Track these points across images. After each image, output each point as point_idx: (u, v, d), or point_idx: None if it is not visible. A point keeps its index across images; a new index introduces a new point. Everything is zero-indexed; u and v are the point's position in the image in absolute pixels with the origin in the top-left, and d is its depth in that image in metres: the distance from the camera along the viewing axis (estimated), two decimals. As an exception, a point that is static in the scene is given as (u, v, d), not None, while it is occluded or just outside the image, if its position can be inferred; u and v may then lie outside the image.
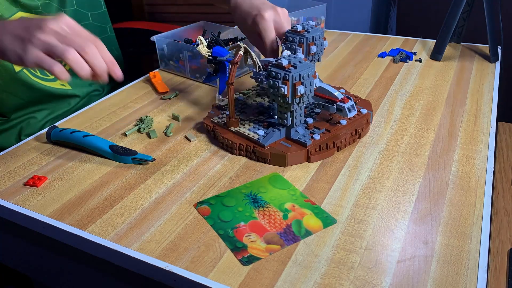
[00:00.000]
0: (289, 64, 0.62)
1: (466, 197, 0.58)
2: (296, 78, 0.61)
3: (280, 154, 0.65)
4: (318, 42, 0.74)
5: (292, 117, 0.66)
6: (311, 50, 0.73)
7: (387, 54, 1.06)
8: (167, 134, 0.74)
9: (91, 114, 0.83)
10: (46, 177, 0.64)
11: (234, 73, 0.68)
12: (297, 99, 0.63)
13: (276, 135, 0.67)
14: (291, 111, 0.66)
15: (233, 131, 0.70)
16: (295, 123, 0.67)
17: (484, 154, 0.67)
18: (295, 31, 0.73)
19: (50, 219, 0.56)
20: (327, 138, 0.68)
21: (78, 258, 0.58)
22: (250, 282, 0.47)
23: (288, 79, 0.61)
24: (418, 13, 2.00)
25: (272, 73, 0.62)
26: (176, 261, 0.49)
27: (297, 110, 0.66)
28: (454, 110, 0.80)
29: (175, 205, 0.58)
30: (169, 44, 0.99)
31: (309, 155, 0.66)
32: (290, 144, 0.67)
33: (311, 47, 0.73)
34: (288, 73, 0.61)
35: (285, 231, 0.53)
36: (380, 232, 0.53)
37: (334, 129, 0.69)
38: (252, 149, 0.66)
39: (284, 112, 0.66)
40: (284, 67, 0.61)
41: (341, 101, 0.67)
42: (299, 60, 0.63)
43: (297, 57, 0.64)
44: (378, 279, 0.47)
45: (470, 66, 0.98)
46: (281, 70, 0.62)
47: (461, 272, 0.47)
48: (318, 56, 0.76)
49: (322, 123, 0.71)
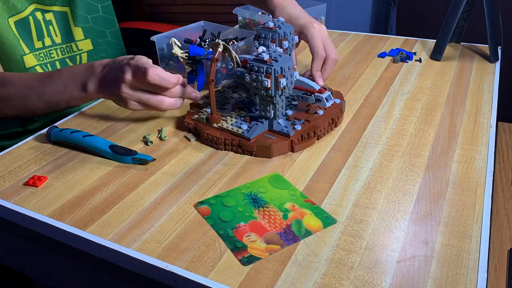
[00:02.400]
0: (270, 58, 0.64)
1: (466, 197, 0.58)
2: (278, 71, 0.64)
3: (265, 145, 0.67)
4: (289, 37, 0.77)
5: (275, 109, 0.69)
6: (283, 45, 0.76)
7: (387, 54, 1.06)
8: (162, 138, 0.73)
9: (91, 114, 0.83)
10: (46, 177, 0.64)
11: (214, 70, 0.70)
12: (280, 91, 0.66)
13: (259, 128, 0.70)
14: (274, 104, 0.68)
15: (216, 127, 0.72)
16: (277, 115, 0.70)
17: (484, 154, 0.67)
18: (267, 28, 0.76)
19: (50, 219, 0.56)
20: (307, 128, 0.71)
21: (78, 258, 0.58)
22: (250, 282, 0.47)
23: (270, 72, 0.63)
24: (418, 13, 2.00)
25: (254, 68, 0.65)
26: (176, 261, 0.49)
27: (279, 102, 0.68)
28: (454, 110, 0.80)
29: (175, 205, 0.58)
30: (169, 44, 0.99)
31: (292, 145, 0.68)
32: (274, 136, 0.69)
33: (283, 42, 0.76)
34: (271, 67, 0.63)
35: (285, 231, 0.53)
36: (380, 232, 0.53)
37: (313, 119, 0.72)
38: (237, 143, 0.68)
39: (267, 105, 0.68)
40: (265, 61, 0.64)
41: (319, 92, 0.69)
42: (279, 54, 0.65)
43: (277, 51, 0.66)
44: (378, 279, 0.47)
45: (470, 66, 0.98)
46: (263, 64, 0.64)
47: (461, 272, 0.47)
48: (289, 51, 0.79)
49: (301, 114, 0.74)
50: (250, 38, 0.99)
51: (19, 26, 0.89)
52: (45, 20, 0.93)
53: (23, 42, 0.90)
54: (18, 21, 0.89)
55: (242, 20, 1.20)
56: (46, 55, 0.95)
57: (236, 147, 0.69)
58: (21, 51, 0.89)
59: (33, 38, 0.92)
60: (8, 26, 0.87)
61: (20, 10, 0.89)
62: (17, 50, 0.88)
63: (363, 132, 0.74)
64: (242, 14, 1.17)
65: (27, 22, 0.90)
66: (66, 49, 0.98)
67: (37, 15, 0.91)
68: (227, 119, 0.74)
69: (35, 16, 0.91)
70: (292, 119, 0.72)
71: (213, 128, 0.72)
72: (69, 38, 0.98)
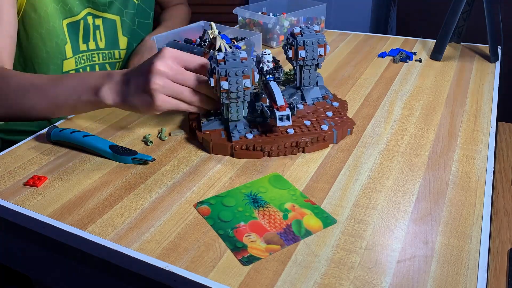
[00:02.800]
0: (223, 59, 0.64)
1: (466, 197, 0.58)
2: (222, 73, 0.63)
3: (206, 139, 0.68)
4: (309, 48, 0.71)
5: (227, 110, 0.68)
6: (299, 54, 0.72)
7: (387, 54, 1.06)
8: (162, 138, 0.73)
9: (91, 114, 0.83)
10: (46, 177, 0.64)
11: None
12: (224, 93, 0.65)
13: (215, 124, 0.70)
14: (225, 104, 0.67)
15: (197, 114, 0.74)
16: (231, 117, 0.68)
17: (484, 154, 0.67)
18: (292, 33, 0.73)
19: (50, 219, 0.56)
20: (259, 141, 0.67)
21: (78, 258, 0.58)
22: (250, 282, 0.47)
23: (214, 72, 0.63)
24: (418, 13, 2.00)
25: (210, 65, 0.65)
26: (176, 261, 0.49)
27: (231, 105, 0.67)
28: (454, 110, 0.80)
29: (175, 205, 0.58)
30: (169, 44, 0.99)
31: (233, 150, 0.67)
32: (225, 136, 0.69)
33: (300, 51, 0.71)
34: (216, 67, 0.63)
35: (285, 231, 0.53)
36: (380, 232, 0.53)
37: (274, 135, 0.68)
38: (194, 128, 0.71)
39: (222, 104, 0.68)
40: (218, 60, 0.64)
41: (277, 108, 0.64)
42: (235, 57, 0.64)
43: (236, 54, 0.65)
44: (378, 279, 0.47)
45: (470, 66, 0.98)
46: (214, 62, 0.64)
47: (461, 272, 0.47)
48: (311, 63, 0.73)
49: (269, 126, 0.69)
50: (250, 38, 0.99)
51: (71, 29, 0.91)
52: (94, 25, 0.95)
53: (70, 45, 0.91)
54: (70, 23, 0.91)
55: (242, 20, 1.20)
56: (88, 58, 0.97)
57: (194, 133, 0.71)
58: (63, 55, 0.90)
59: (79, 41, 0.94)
60: (61, 29, 0.89)
61: (75, 13, 0.90)
62: (60, 54, 0.90)
63: (363, 132, 0.74)
64: (242, 14, 1.18)
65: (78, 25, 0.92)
66: (108, 54, 1.00)
67: (89, 19, 0.94)
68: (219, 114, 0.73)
69: (87, 20, 0.93)
70: (253, 127, 0.69)
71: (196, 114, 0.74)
72: (113, 45, 1.01)
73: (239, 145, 0.67)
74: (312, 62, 0.74)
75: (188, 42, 1.01)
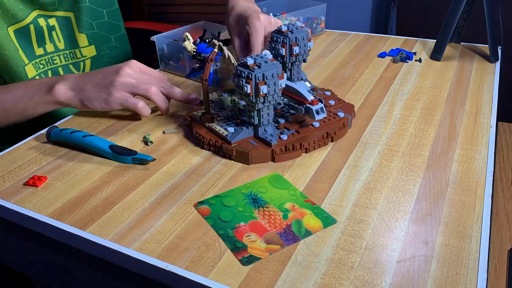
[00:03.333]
0: (254, 64, 0.63)
1: (466, 197, 0.58)
2: (259, 77, 0.62)
3: (244, 151, 0.66)
4: (301, 43, 0.74)
5: (259, 116, 0.67)
6: (293, 51, 0.74)
7: (387, 54, 1.06)
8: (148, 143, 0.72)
9: (91, 114, 0.83)
10: (46, 177, 0.64)
11: (208, 69, 0.70)
12: (261, 98, 0.64)
13: (244, 132, 0.68)
14: (257, 110, 0.66)
15: (206, 126, 0.72)
16: (262, 122, 0.67)
17: (484, 154, 0.67)
18: (280, 31, 0.74)
19: (50, 219, 0.56)
20: (295, 139, 0.68)
21: (78, 258, 0.58)
22: (250, 282, 0.47)
23: (251, 78, 0.62)
24: (418, 13, 2.00)
25: (237, 72, 0.63)
26: (176, 261, 0.49)
27: (263, 109, 0.66)
28: (454, 110, 0.80)
29: (175, 205, 0.58)
30: (169, 44, 0.99)
31: (273, 154, 0.66)
32: (257, 143, 0.67)
33: (294, 48, 0.73)
34: (252, 72, 0.62)
35: (285, 231, 0.53)
36: (380, 232, 0.53)
37: (304, 130, 0.69)
38: (220, 145, 0.67)
39: (251, 110, 0.67)
40: (248, 66, 0.62)
41: (310, 103, 0.66)
42: (265, 60, 0.63)
43: (264, 57, 0.64)
44: (378, 279, 0.47)
45: (470, 66, 0.98)
46: (246, 69, 0.63)
47: (461, 272, 0.47)
48: (303, 57, 0.76)
49: (293, 124, 0.71)
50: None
51: (19, 35, 0.88)
52: (48, 26, 0.91)
53: (22, 52, 0.88)
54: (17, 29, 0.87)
55: (242, 20, 1.20)
56: (48, 61, 0.93)
57: (218, 149, 0.68)
58: (22, 61, 0.87)
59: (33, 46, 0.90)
60: (8, 36, 0.85)
61: (21, 19, 0.86)
62: (18, 60, 0.87)
63: (363, 132, 0.74)
64: (242, 14, 1.17)
65: (27, 30, 0.88)
66: (70, 55, 0.96)
67: (40, 21, 0.90)
68: (220, 120, 0.73)
69: (37, 23, 0.89)
70: (282, 128, 0.70)
71: (204, 127, 0.72)
72: (73, 44, 0.97)
73: (279, 148, 0.66)
74: (303, 56, 0.76)
75: (188, 42, 1.01)
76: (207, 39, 0.99)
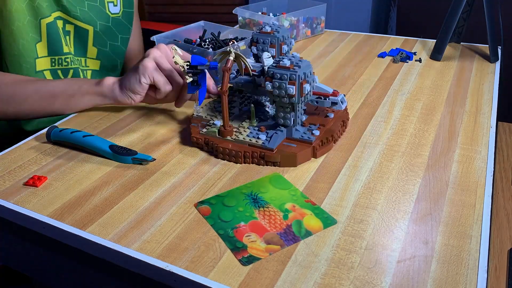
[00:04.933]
0: (292, 65, 0.62)
1: (466, 197, 0.58)
2: (302, 77, 0.61)
3: (290, 155, 0.64)
4: (287, 41, 0.75)
5: (295, 116, 0.67)
6: (283, 49, 0.74)
7: (387, 54, 1.06)
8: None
9: (91, 114, 0.83)
10: (46, 177, 0.64)
11: (227, 80, 0.66)
12: (302, 97, 0.63)
13: (280, 137, 0.67)
14: (295, 111, 0.66)
15: (230, 139, 0.68)
16: (297, 122, 0.68)
17: (484, 154, 0.67)
18: (264, 32, 0.74)
19: (50, 219, 0.56)
20: (324, 132, 0.69)
21: (78, 258, 0.58)
22: (250, 282, 0.47)
23: (295, 79, 0.61)
24: (418, 13, 2.00)
25: (276, 75, 0.62)
26: (176, 261, 0.49)
27: (299, 109, 0.67)
28: (454, 110, 0.80)
29: (175, 205, 0.58)
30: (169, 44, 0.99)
31: (315, 151, 0.66)
32: (295, 144, 0.67)
33: (283, 46, 0.74)
34: (295, 73, 0.61)
35: (285, 231, 0.53)
36: (380, 232, 0.53)
37: (327, 122, 0.71)
38: (259, 155, 0.65)
39: (288, 112, 0.66)
40: (288, 67, 0.61)
41: (332, 94, 0.69)
42: (299, 59, 0.63)
43: (296, 57, 0.64)
44: (378, 279, 0.47)
45: (470, 66, 0.98)
46: (286, 70, 0.61)
47: (461, 272, 0.47)
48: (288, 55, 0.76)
49: (314, 118, 0.72)
50: (250, 38, 0.99)
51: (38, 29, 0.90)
52: (64, 30, 0.94)
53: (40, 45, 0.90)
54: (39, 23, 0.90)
55: (242, 20, 1.20)
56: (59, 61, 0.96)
57: (258, 158, 0.66)
58: (34, 53, 0.89)
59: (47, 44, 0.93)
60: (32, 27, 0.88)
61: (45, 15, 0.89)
62: (32, 52, 0.89)
63: (363, 132, 0.74)
64: (242, 14, 1.18)
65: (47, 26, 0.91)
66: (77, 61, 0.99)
67: (58, 23, 0.92)
68: (239, 130, 0.70)
69: (56, 24, 0.91)
70: (308, 124, 0.70)
71: (227, 141, 0.68)
72: (81, 52, 0.99)
73: (317, 144, 0.67)
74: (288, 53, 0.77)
75: (188, 42, 1.01)
76: (207, 39, 1.00)
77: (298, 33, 1.17)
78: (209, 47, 0.96)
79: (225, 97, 0.66)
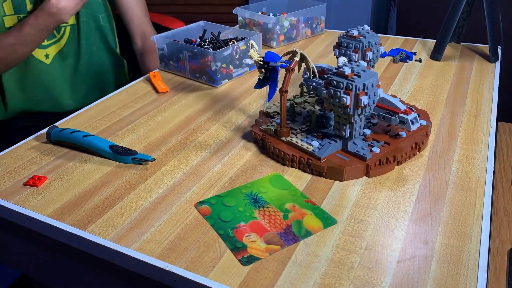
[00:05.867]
0: (352, 73, 0.58)
1: (466, 197, 0.58)
2: (360, 88, 0.57)
3: (337, 168, 0.61)
4: (374, 48, 0.70)
5: (351, 128, 0.62)
6: (367, 56, 0.69)
7: (387, 54, 1.06)
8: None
9: (91, 114, 0.83)
10: (46, 177, 0.64)
11: (289, 80, 0.64)
12: (359, 110, 0.59)
13: (332, 147, 0.63)
14: (351, 123, 0.61)
15: (284, 141, 0.66)
16: (354, 135, 0.63)
17: (484, 154, 0.67)
18: (350, 36, 0.69)
19: (50, 219, 0.56)
20: (387, 151, 0.63)
21: (78, 258, 0.58)
22: (250, 282, 0.47)
23: (351, 89, 0.57)
24: (418, 13, 2.00)
25: (333, 82, 0.59)
26: (176, 261, 0.49)
27: (357, 121, 0.61)
28: (454, 110, 0.80)
29: (175, 205, 0.58)
30: (169, 44, 0.99)
31: (368, 169, 0.62)
32: (347, 157, 0.63)
33: (367, 53, 0.69)
34: (352, 83, 0.57)
35: (285, 231, 0.53)
36: (380, 232, 0.53)
37: (394, 141, 0.64)
38: (306, 161, 0.63)
39: (343, 123, 0.62)
40: (346, 75, 0.57)
41: (404, 112, 0.62)
42: (363, 68, 0.59)
43: (360, 65, 0.60)
44: (378, 279, 0.47)
45: (470, 66, 0.98)
46: (344, 79, 0.58)
47: (461, 272, 0.47)
48: (373, 63, 0.72)
49: (380, 135, 0.66)
50: (250, 38, 0.99)
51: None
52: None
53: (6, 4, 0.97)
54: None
55: (242, 20, 1.20)
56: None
57: (304, 165, 0.63)
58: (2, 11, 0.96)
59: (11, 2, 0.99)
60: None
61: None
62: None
63: (363, 132, 0.74)
64: (242, 14, 1.18)
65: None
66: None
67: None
68: (297, 133, 0.68)
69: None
70: (370, 140, 0.65)
71: (281, 141, 0.66)
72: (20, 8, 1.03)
73: (373, 162, 0.61)
74: (374, 62, 0.72)
75: (188, 42, 1.01)
76: (207, 39, 1.00)
77: (298, 33, 1.17)
78: (209, 47, 0.96)
79: (284, 97, 0.65)
